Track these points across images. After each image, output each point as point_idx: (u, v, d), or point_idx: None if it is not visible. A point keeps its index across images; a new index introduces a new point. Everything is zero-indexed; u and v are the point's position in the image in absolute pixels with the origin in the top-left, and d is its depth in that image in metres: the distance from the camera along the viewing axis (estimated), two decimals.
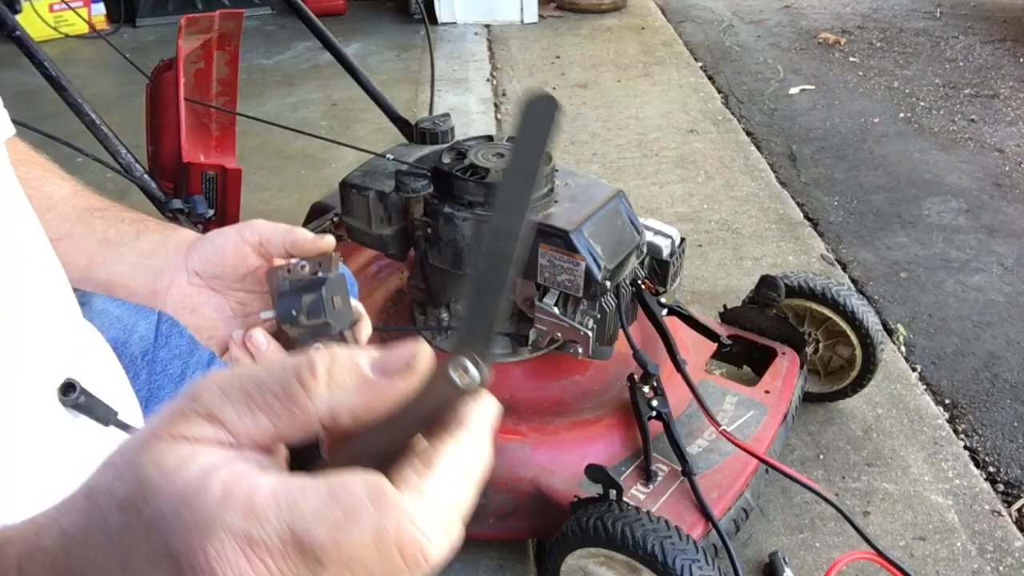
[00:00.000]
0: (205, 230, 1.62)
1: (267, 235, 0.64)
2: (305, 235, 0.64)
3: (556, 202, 1.32)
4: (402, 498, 0.29)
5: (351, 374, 0.32)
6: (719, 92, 3.43)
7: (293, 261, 0.64)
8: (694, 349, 1.54)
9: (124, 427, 0.61)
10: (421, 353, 0.33)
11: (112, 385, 0.66)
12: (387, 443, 0.33)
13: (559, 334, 1.30)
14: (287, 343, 0.64)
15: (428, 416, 0.34)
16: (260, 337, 0.63)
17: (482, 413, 0.34)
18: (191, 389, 0.32)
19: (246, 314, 0.68)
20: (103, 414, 0.58)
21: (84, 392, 0.57)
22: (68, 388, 0.56)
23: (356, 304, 0.66)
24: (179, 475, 0.29)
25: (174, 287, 0.67)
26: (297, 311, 0.61)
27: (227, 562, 0.28)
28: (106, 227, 0.70)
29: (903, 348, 1.98)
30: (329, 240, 0.64)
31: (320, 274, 0.62)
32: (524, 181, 0.34)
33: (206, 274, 0.66)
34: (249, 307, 0.68)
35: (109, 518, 0.30)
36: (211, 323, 0.67)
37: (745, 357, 1.62)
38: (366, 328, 0.66)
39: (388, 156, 1.41)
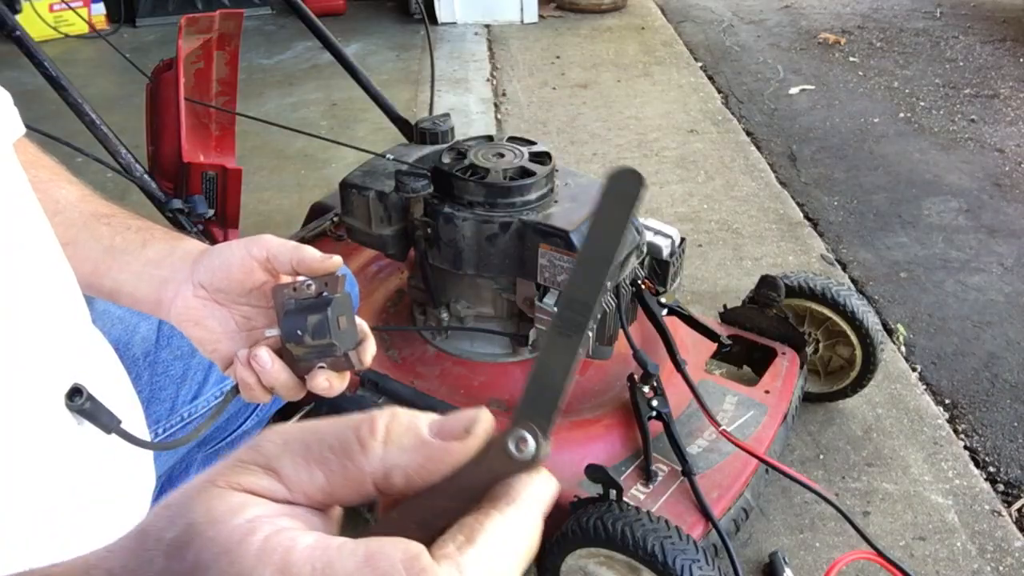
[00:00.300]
0: (205, 230, 1.63)
1: (274, 251, 0.64)
2: (313, 254, 0.63)
3: (556, 202, 1.32)
4: (438, 570, 0.28)
5: (408, 434, 0.32)
6: (719, 92, 3.43)
7: (299, 279, 0.64)
8: (694, 349, 1.54)
9: (127, 436, 0.61)
10: (481, 419, 0.33)
11: (114, 387, 0.66)
12: (437, 512, 0.32)
13: None
14: (291, 361, 0.64)
15: (482, 488, 0.33)
16: (265, 356, 0.63)
17: (535, 490, 0.33)
18: (255, 439, 0.33)
19: (250, 328, 0.68)
20: (107, 421, 0.58)
21: (90, 398, 0.57)
22: (75, 393, 0.56)
23: (361, 323, 0.66)
24: (226, 524, 0.29)
25: (179, 299, 0.67)
26: (302, 331, 0.61)
27: None
28: (112, 234, 0.70)
29: (903, 348, 1.98)
30: (336, 260, 0.64)
31: (326, 294, 0.62)
32: (603, 254, 0.33)
33: (211, 287, 0.66)
34: (253, 322, 0.68)
35: (155, 561, 0.30)
36: (215, 336, 0.67)
37: (745, 357, 1.62)
38: (370, 348, 0.66)
39: (388, 156, 1.41)
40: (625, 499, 1.18)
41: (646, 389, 1.33)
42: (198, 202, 1.53)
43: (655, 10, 4.46)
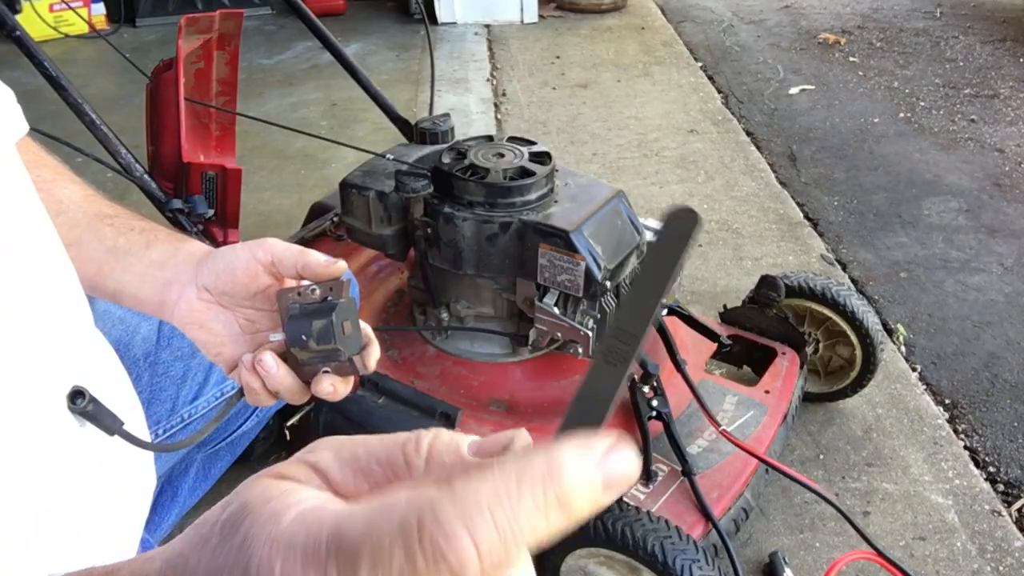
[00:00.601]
0: (205, 230, 1.63)
1: (279, 255, 0.64)
2: (317, 259, 0.63)
3: (556, 202, 1.32)
4: (432, 492, 0.28)
5: (449, 451, 0.33)
6: (719, 92, 3.43)
7: (304, 283, 0.64)
8: (694, 349, 1.54)
9: (129, 438, 0.61)
10: (518, 439, 0.34)
11: (115, 388, 0.66)
12: None
13: (559, 334, 1.30)
14: (295, 365, 0.64)
15: None
16: (270, 361, 0.63)
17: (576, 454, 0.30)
18: (310, 445, 0.35)
19: (254, 332, 0.67)
20: (109, 423, 0.58)
21: (92, 400, 0.56)
22: (77, 395, 0.56)
23: (365, 328, 0.66)
24: (276, 501, 0.31)
25: (183, 301, 0.67)
26: (307, 336, 0.61)
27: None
28: (116, 235, 0.70)
29: (903, 348, 1.98)
30: (341, 265, 0.64)
31: (331, 299, 0.62)
32: (655, 288, 0.35)
33: (216, 290, 0.66)
34: (257, 324, 0.67)
35: (210, 540, 0.31)
36: (219, 339, 0.67)
37: (745, 357, 1.62)
38: (375, 353, 0.66)
39: (388, 156, 1.41)
40: (625, 499, 1.18)
41: (646, 389, 1.33)
42: (198, 202, 1.53)
43: (655, 10, 4.46)
